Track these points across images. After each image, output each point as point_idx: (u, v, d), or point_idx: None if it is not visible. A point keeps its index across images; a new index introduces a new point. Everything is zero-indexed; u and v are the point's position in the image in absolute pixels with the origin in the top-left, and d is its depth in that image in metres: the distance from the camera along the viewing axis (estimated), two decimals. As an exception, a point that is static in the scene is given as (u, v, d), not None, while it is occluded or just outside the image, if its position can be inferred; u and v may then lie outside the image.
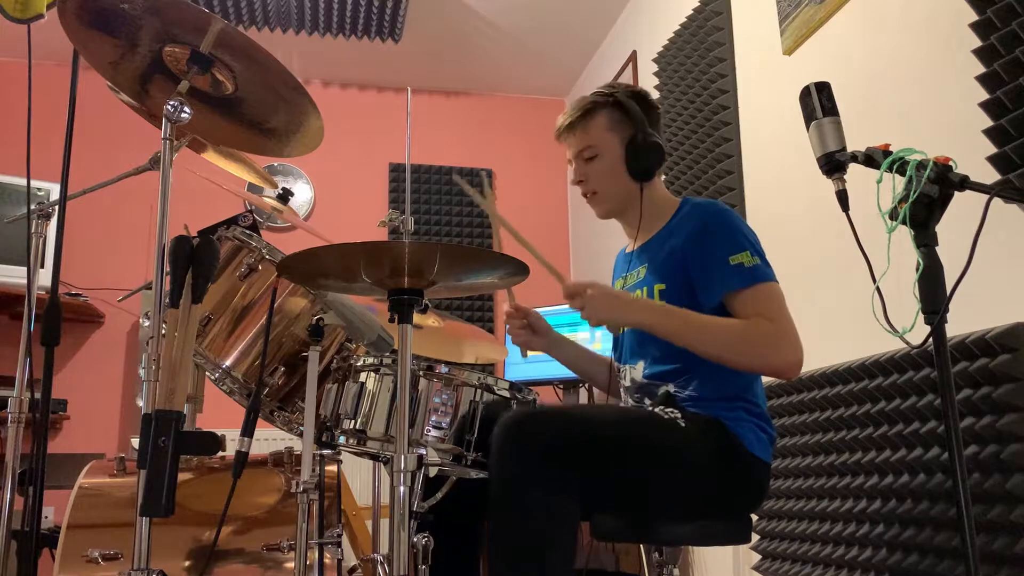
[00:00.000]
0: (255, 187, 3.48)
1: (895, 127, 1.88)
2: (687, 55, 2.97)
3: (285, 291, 1.75)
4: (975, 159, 1.57)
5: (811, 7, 2.23)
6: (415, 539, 1.43)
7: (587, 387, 3.21)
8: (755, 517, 2.19)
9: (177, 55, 1.50)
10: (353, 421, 1.49)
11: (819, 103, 1.21)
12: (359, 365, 1.56)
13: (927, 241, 1.13)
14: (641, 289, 1.63)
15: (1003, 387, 1.43)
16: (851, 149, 1.19)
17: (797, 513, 2.03)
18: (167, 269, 1.29)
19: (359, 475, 3.55)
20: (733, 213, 1.58)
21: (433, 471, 1.57)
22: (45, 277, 2.47)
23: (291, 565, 1.79)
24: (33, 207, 1.85)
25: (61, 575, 1.67)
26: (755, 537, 2.21)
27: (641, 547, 2.49)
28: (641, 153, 1.62)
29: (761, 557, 2.19)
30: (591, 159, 1.65)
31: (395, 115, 4.41)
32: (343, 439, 1.52)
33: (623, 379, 1.68)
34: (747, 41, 2.65)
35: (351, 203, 4.26)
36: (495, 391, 1.49)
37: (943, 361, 1.11)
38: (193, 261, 1.29)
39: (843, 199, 1.17)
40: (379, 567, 1.82)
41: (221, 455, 1.91)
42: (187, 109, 1.41)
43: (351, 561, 2.22)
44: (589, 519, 1.53)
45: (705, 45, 2.82)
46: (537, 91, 4.64)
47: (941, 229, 1.14)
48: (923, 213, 1.13)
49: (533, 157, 4.54)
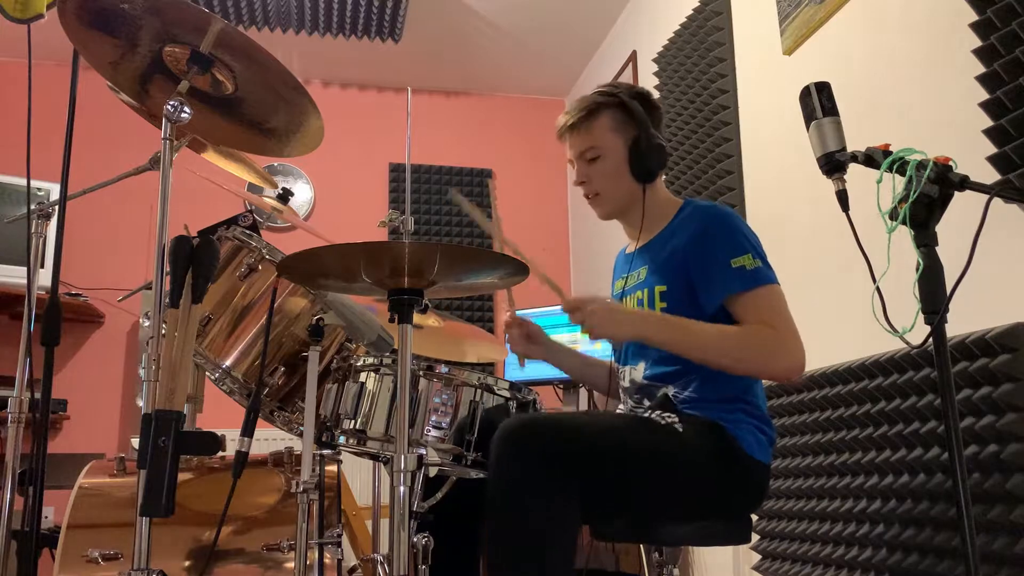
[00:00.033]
0: (255, 187, 3.48)
1: (895, 127, 1.88)
2: (687, 55, 2.96)
3: (285, 291, 1.75)
4: (975, 159, 1.57)
5: (811, 7, 2.23)
6: (415, 539, 1.43)
7: (587, 387, 3.21)
8: (755, 517, 2.19)
9: (177, 55, 1.50)
10: (353, 421, 1.49)
11: (819, 103, 1.21)
12: (359, 365, 1.56)
13: (927, 241, 1.13)
14: (642, 290, 1.63)
15: (1003, 387, 1.43)
16: (851, 149, 1.19)
17: (797, 513, 2.03)
18: (167, 269, 1.29)
19: (359, 475, 3.55)
20: (735, 215, 1.58)
21: (433, 471, 1.57)
22: (45, 277, 2.47)
23: (291, 565, 1.79)
24: (33, 207, 1.85)
25: (61, 575, 1.67)
26: (755, 537, 2.21)
27: (641, 547, 2.49)
28: (645, 155, 1.61)
29: (761, 557, 2.19)
30: (594, 160, 1.64)
31: (395, 115, 4.41)
32: (343, 439, 1.52)
33: (622, 380, 1.68)
34: (747, 41, 2.65)
35: (351, 203, 4.26)
36: (495, 391, 1.49)
37: (943, 361, 1.11)
38: (193, 261, 1.29)
39: (843, 199, 1.17)
40: (379, 567, 1.82)
41: (221, 455, 1.92)
42: (187, 109, 1.41)
43: (351, 561, 2.22)
44: (588, 523, 1.53)
45: (705, 45, 2.82)
46: (537, 91, 4.64)
47: (941, 229, 1.14)
48: (923, 213, 1.13)
49: (533, 157, 4.54)
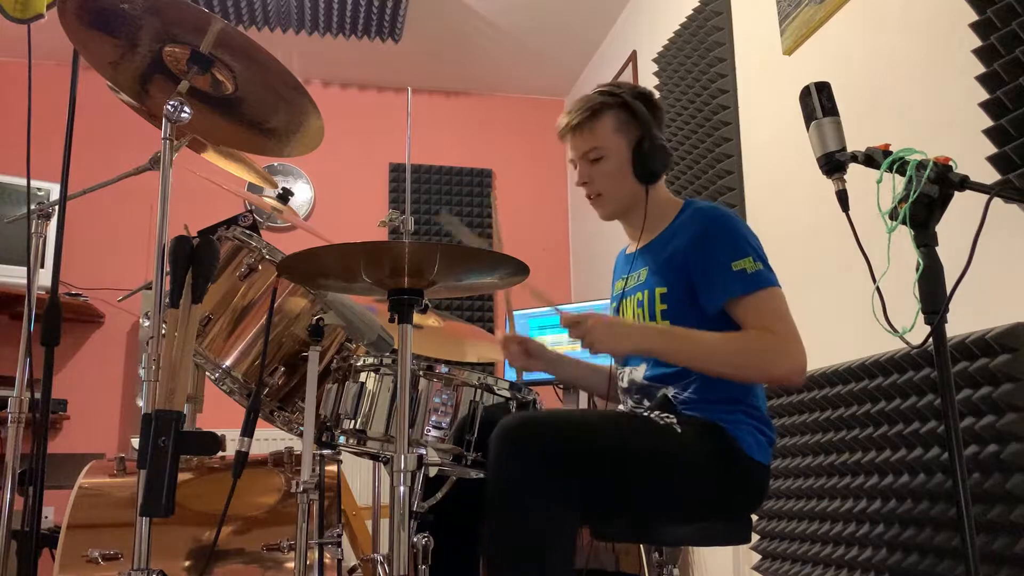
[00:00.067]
0: (255, 187, 3.48)
1: (895, 127, 1.88)
2: (687, 55, 2.96)
3: (285, 291, 1.75)
4: (975, 159, 1.57)
5: (811, 7, 2.23)
6: (415, 539, 1.43)
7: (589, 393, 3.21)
8: (755, 517, 2.19)
9: (177, 55, 1.50)
10: (353, 421, 1.49)
11: (819, 103, 1.21)
12: (359, 365, 1.56)
13: (927, 241, 1.13)
14: (643, 291, 1.63)
15: (1003, 387, 1.43)
16: (851, 149, 1.19)
17: (797, 513, 2.03)
18: (167, 269, 1.29)
19: (359, 475, 3.55)
20: (736, 217, 1.58)
21: (433, 471, 1.57)
22: (45, 277, 2.47)
23: (291, 565, 1.79)
24: (33, 207, 1.85)
25: (61, 575, 1.67)
26: (755, 537, 2.21)
27: (641, 547, 2.49)
28: (648, 156, 1.61)
29: (761, 557, 2.19)
30: (597, 160, 1.64)
31: (395, 115, 4.41)
32: (343, 439, 1.52)
33: (621, 380, 1.68)
34: (747, 41, 2.65)
35: (351, 203, 4.26)
36: (495, 391, 1.49)
37: (943, 361, 1.11)
38: (193, 261, 1.29)
39: (843, 199, 1.17)
40: (379, 567, 1.82)
41: (221, 455, 1.92)
42: (187, 109, 1.41)
43: (351, 561, 2.22)
44: (588, 523, 1.53)
45: (705, 45, 2.82)
46: (537, 91, 4.64)
47: (941, 229, 1.14)
48: (923, 213, 1.13)
49: (533, 157, 4.54)
